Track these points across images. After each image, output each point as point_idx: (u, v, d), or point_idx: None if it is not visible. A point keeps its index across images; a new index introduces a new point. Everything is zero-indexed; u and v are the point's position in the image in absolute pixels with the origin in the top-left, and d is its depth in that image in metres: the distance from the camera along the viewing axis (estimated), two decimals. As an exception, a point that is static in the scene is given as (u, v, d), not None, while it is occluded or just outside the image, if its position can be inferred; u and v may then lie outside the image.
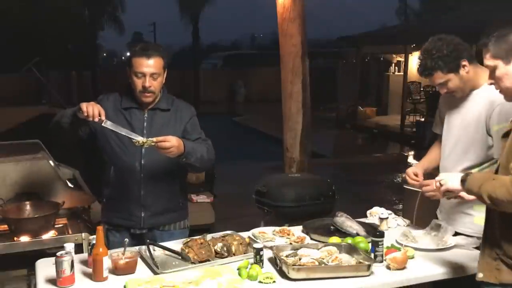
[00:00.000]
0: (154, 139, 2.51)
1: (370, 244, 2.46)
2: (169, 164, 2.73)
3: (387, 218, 2.93)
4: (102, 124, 2.55)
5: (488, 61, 2.03)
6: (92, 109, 2.49)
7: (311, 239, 2.72)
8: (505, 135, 2.05)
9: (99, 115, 2.50)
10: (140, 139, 2.53)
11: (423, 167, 2.83)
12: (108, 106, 2.72)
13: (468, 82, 2.53)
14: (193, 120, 2.87)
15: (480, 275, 2.07)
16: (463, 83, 2.52)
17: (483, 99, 2.50)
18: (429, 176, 2.75)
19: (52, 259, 2.22)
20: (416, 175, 2.75)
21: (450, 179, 2.13)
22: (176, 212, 2.90)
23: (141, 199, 2.75)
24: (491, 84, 2.10)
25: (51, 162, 3.65)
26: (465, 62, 2.47)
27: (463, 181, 2.04)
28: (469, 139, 2.58)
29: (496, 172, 2.04)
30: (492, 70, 2.03)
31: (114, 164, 2.77)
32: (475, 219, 2.55)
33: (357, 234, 2.66)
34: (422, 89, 14.84)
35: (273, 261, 2.37)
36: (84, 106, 2.50)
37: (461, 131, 2.63)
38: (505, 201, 1.84)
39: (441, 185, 2.16)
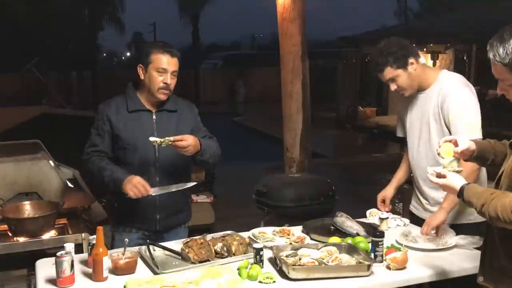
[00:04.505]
0: (172, 138, 2.52)
1: (370, 244, 2.46)
2: (182, 165, 2.77)
3: (387, 218, 2.92)
4: (153, 194, 2.62)
5: (498, 71, 1.82)
6: (138, 191, 2.56)
7: (311, 239, 2.71)
8: None
9: (146, 189, 2.57)
10: (158, 139, 2.52)
11: (393, 189, 3.17)
12: (111, 113, 2.72)
13: (416, 79, 2.69)
14: (198, 119, 2.92)
15: (480, 279, 2.01)
16: (411, 80, 2.68)
17: (435, 92, 2.68)
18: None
19: (52, 259, 2.22)
20: (383, 201, 3.08)
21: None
22: (184, 212, 2.93)
23: (157, 201, 2.74)
24: (501, 93, 1.92)
25: (51, 162, 3.64)
26: (412, 60, 2.65)
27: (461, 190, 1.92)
28: (431, 130, 2.72)
29: (499, 178, 1.92)
30: (502, 80, 1.84)
31: (129, 170, 2.69)
32: None
33: (357, 234, 2.66)
34: (422, 89, 14.82)
35: (273, 261, 2.37)
36: (129, 190, 2.56)
37: (423, 125, 2.77)
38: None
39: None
